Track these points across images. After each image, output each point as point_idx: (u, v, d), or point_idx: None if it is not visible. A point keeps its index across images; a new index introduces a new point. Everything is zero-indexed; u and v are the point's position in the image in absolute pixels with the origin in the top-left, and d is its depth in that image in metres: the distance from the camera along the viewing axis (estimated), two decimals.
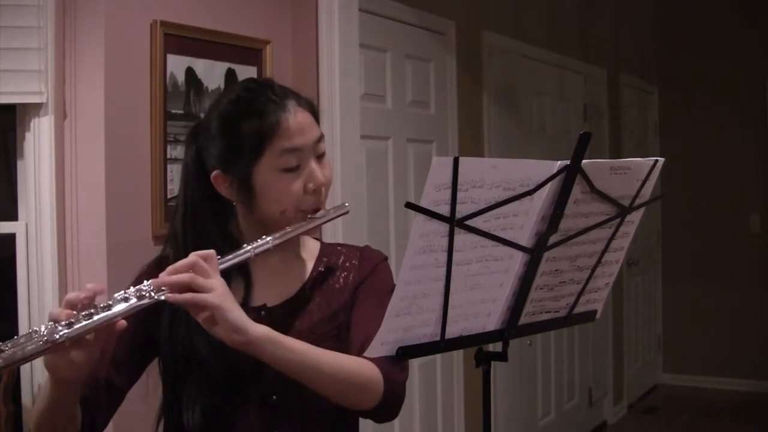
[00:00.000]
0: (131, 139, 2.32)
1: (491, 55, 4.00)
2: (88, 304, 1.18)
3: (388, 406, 1.35)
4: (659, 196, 1.48)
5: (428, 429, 3.49)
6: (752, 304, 5.99)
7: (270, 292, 1.43)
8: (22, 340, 1.14)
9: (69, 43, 2.30)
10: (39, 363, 2.27)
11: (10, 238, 2.30)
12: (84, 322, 1.15)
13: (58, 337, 1.13)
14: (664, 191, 3.63)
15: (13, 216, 2.34)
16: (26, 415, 2.26)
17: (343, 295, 1.46)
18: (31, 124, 2.29)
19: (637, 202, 1.37)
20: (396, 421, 3.24)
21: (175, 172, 2.40)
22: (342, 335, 1.42)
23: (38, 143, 2.29)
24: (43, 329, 1.14)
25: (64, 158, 2.31)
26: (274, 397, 1.39)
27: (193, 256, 1.23)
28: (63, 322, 1.15)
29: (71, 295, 1.18)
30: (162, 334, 1.39)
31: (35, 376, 2.29)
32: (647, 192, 1.38)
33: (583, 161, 1.24)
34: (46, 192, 2.29)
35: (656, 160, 1.36)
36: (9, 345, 1.13)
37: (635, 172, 1.34)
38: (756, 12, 5.91)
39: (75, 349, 1.17)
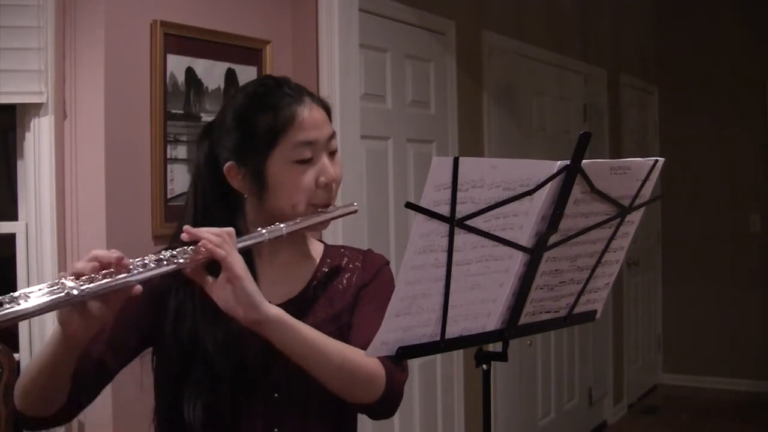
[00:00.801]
0: (131, 139, 2.32)
1: (491, 55, 3.99)
2: (108, 264, 1.19)
3: (387, 403, 1.36)
4: (659, 196, 1.48)
5: (428, 429, 3.49)
6: (752, 304, 5.99)
7: (274, 291, 1.43)
8: (45, 290, 1.14)
9: (69, 43, 2.30)
10: None
11: (10, 238, 2.30)
12: (105, 280, 1.17)
13: (78, 291, 1.14)
14: (664, 191, 3.63)
15: (13, 216, 2.34)
16: None
17: (346, 297, 1.48)
18: (31, 124, 2.29)
19: (637, 202, 1.37)
20: (396, 421, 3.23)
21: (175, 172, 2.40)
22: (344, 336, 1.43)
23: (38, 143, 2.29)
24: (66, 282, 1.15)
25: (64, 158, 2.31)
26: (277, 394, 1.40)
27: (217, 230, 1.26)
28: (84, 278, 1.16)
29: (102, 252, 1.19)
30: (166, 327, 1.39)
31: None
32: (647, 192, 1.38)
33: (583, 161, 1.24)
34: (46, 192, 2.29)
35: (656, 160, 1.35)
36: (31, 293, 1.13)
37: (635, 172, 1.34)
38: (756, 12, 5.90)
39: (92, 300, 1.17)
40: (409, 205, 1.15)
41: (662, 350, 6.42)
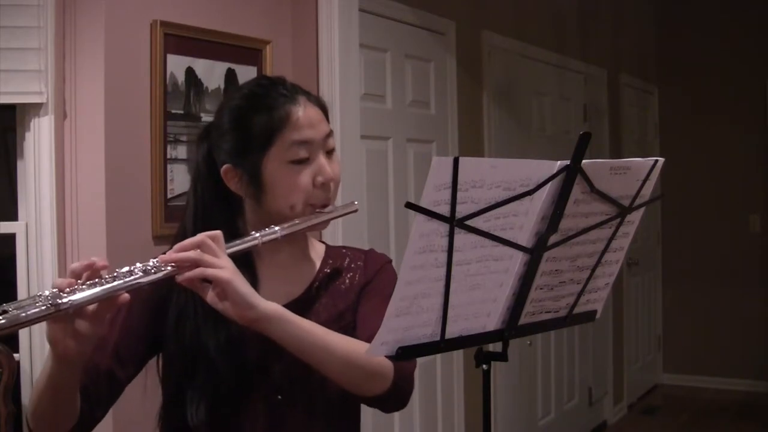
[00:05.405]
0: (131, 139, 2.32)
1: (491, 55, 4.00)
2: (91, 275, 1.17)
3: (398, 393, 1.36)
4: (659, 196, 1.48)
5: (428, 429, 3.49)
6: (752, 304, 5.99)
7: (276, 292, 1.42)
8: (26, 303, 1.12)
9: (69, 43, 2.30)
10: (39, 364, 2.28)
11: (10, 238, 2.30)
12: (88, 291, 1.15)
13: (61, 302, 1.12)
14: (664, 191, 3.62)
15: (13, 216, 2.34)
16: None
17: (350, 296, 1.47)
18: (31, 124, 2.29)
19: (637, 202, 1.37)
20: (396, 421, 3.24)
21: (175, 172, 2.40)
22: (348, 334, 1.42)
23: (38, 143, 2.29)
24: (47, 293, 1.13)
25: (64, 158, 2.31)
26: (280, 395, 1.39)
27: (201, 236, 1.25)
28: (67, 290, 1.14)
29: (75, 265, 1.18)
30: (168, 330, 1.39)
31: (35, 376, 2.29)
32: (647, 192, 1.38)
33: (583, 161, 1.23)
34: (46, 192, 2.29)
35: (656, 160, 1.35)
36: (12, 306, 1.12)
37: (635, 172, 1.34)
38: (756, 12, 5.91)
39: (78, 318, 1.16)
40: (409, 205, 1.15)
41: (662, 350, 6.42)
